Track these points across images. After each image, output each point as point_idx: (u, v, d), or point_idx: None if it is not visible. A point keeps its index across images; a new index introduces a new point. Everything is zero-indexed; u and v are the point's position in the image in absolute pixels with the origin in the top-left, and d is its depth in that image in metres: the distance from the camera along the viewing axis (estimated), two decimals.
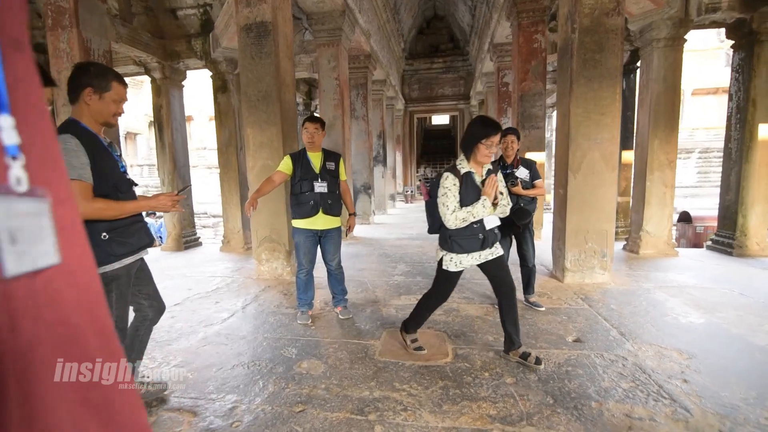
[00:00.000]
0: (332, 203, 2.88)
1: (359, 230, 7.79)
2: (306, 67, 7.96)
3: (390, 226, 8.82)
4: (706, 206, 9.67)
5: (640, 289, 3.74)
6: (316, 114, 11.09)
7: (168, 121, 6.22)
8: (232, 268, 5.02)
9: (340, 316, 3.09)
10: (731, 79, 5.16)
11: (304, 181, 2.81)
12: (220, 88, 6.17)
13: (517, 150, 3.21)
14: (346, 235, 3.13)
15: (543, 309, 3.18)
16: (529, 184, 3.13)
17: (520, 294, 3.33)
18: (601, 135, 3.69)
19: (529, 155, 5.97)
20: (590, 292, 3.61)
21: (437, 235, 2.29)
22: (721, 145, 5.52)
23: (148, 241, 1.77)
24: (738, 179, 5.02)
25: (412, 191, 16.23)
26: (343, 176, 3.01)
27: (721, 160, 5.43)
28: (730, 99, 5.16)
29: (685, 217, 8.56)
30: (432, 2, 13.89)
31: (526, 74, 6.15)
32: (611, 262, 3.89)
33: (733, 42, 5.08)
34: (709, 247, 5.61)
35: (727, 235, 5.25)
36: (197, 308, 3.40)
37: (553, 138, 11.58)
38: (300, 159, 2.86)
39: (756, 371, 2.20)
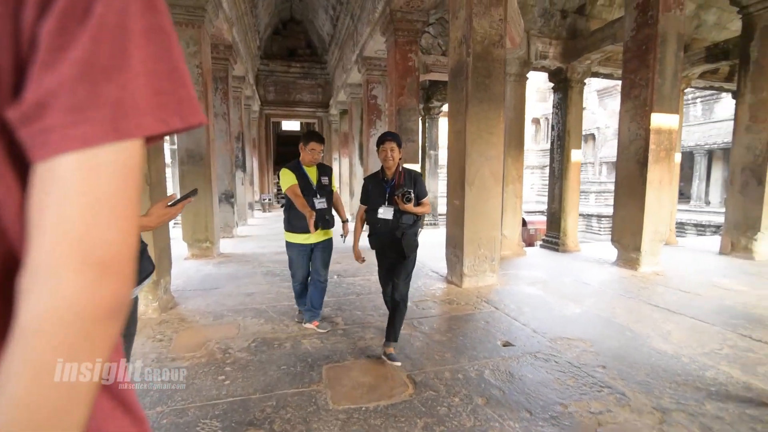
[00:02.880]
0: (329, 219, 2.85)
1: (225, 245, 6.72)
2: None
3: (258, 239, 7.94)
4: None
5: (519, 287, 4.31)
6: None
7: None
8: None
9: (320, 330, 2.95)
10: (552, 113, 6.61)
11: (305, 197, 2.75)
12: None
13: (400, 160, 2.59)
14: (345, 241, 3.08)
15: (399, 364, 2.46)
16: (416, 202, 2.53)
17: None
18: (490, 152, 4.12)
19: (405, 167, 6.25)
20: (487, 294, 3.96)
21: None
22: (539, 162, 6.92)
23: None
24: (560, 192, 6.45)
25: (269, 199, 15.15)
26: (334, 187, 3.01)
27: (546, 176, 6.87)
28: (553, 129, 6.61)
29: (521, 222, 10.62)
30: (289, 3, 13.38)
31: (402, 89, 6.45)
32: (498, 265, 4.38)
33: (553, 84, 6.53)
34: (541, 246, 7.03)
35: (554, 236, 6.67)
36: None
37: None
38: (298, 172, 2.82)
39: (634, 347, 2.75)
